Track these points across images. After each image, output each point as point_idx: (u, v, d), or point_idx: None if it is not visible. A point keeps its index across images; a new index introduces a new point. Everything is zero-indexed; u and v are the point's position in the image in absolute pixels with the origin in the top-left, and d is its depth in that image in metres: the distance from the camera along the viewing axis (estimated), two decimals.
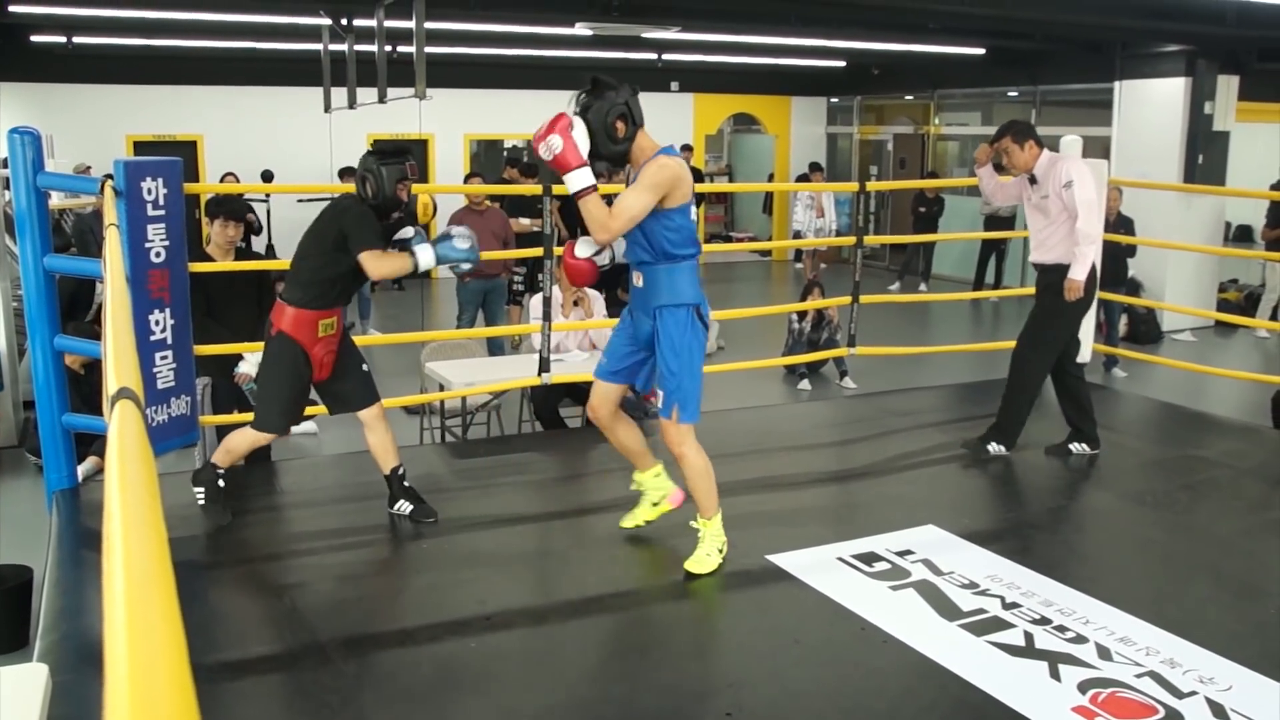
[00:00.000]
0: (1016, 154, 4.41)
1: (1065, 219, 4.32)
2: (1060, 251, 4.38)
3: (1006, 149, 4.42)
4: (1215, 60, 9.39)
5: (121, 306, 1.71)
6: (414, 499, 3.71)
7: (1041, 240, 4.45)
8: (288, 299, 3.47)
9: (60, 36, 10.00)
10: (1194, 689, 2.67)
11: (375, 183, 3.46)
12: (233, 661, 2.78)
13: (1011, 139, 4.41)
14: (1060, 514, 4.05)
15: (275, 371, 3.49)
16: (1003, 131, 4.49)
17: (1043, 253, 4.45)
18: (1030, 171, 4.41)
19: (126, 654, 0.50)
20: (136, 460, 0.82)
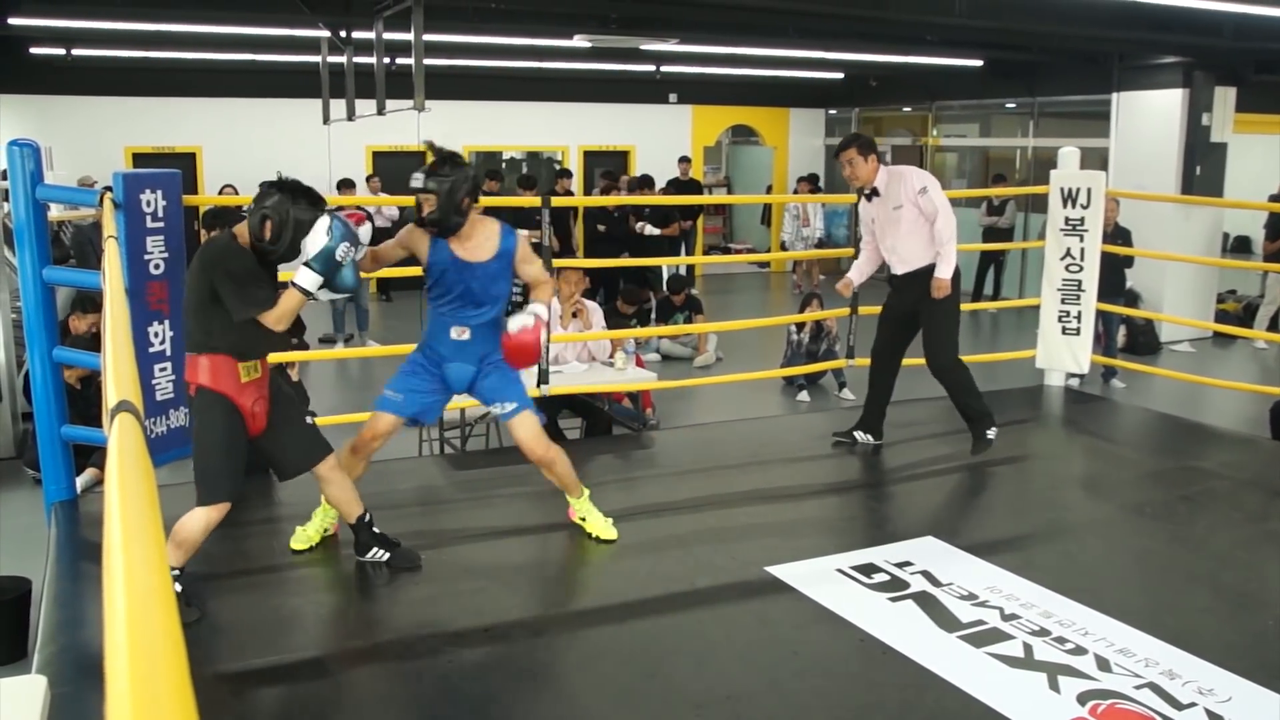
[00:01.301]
0: (860, 166, 4.53)
1: (921, 225, 4.47)
2: (924, 255, 4.52)
3: (851, 160, 4.53)
4: (1213, 72, 9.43)
5: (121, 319, 1.72)
6: (388, 545, 3.46)
7: (901, 253, 4.58)
8: (194, 348, 3.04)
9: (59, 49, 10.04)
10: (1193, 700, 2.66)
11: (276, 230, 3.01)
12: (230, 673, 2.77)
13: (857, 150, 4.54)
14: (1059, 525, 4.05)
15: (209, 434, 3.03)
16: (848, 143, 4.60)
17: (907, 263, 4.57)
18: (870, 185, 4.57)
19: (128, 667, 0.50)
20: (137, 473, 0.82)
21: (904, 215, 4.50)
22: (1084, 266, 5.80)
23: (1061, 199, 5.83)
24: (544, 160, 14.42)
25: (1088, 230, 5.78)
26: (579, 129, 13.73)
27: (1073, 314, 5.86)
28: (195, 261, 3.06)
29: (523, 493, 4.43)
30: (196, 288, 3.03)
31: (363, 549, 3.44)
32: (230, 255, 3.00)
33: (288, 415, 3.25)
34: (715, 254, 14.95)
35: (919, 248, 4.52)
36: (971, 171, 13.60)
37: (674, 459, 4.94)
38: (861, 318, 5.83)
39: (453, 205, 3.29)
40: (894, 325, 4.82)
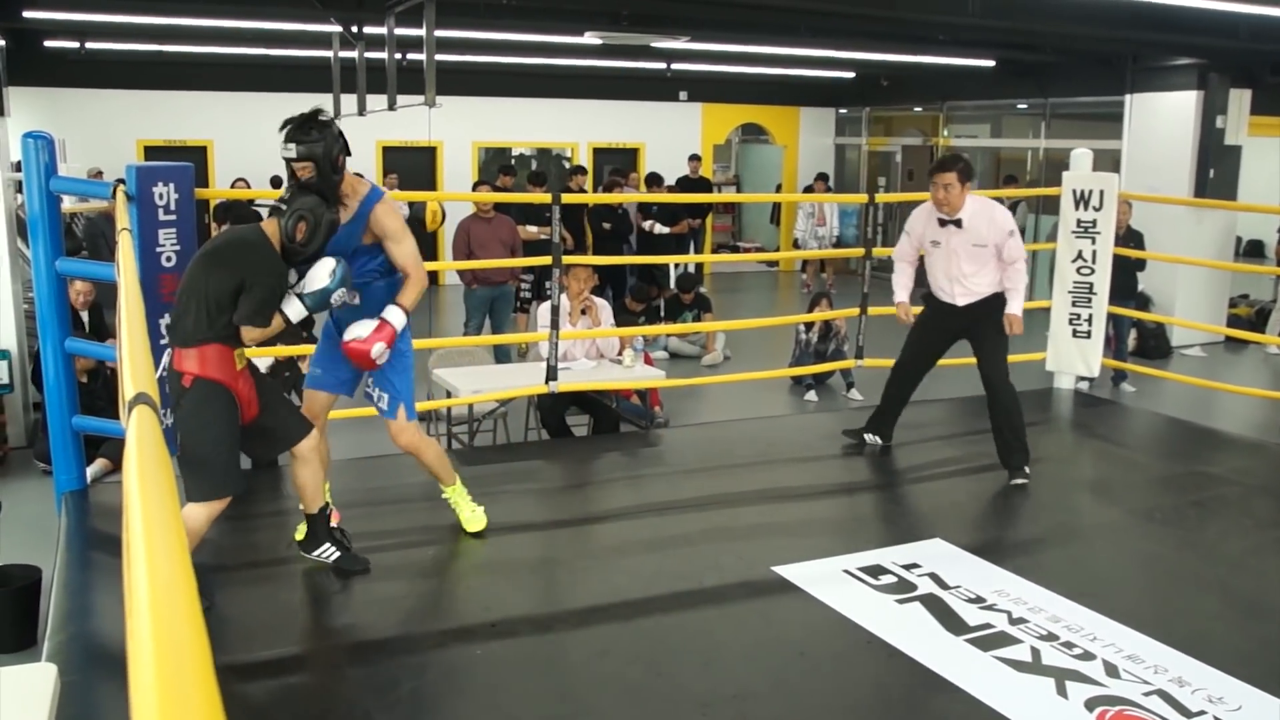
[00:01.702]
0: (956, 193, 4.32)
1: (995, 262, 4.35)
2: (991, 286, 4.40)
3: (949, 185, 4.30)
4: (1227, 74, 9.37)
5: (136, 311, 1.72)
6: (341, 545, 3.37)
7: (968, 284, 4.41)
8: (197, 339, 2.94)
9: (73, 42, 10.07)
10: (1203, 708, 2.65)
11: (309, 233, 3.01)
12: (238, 665, 2.78)
13: (958, 176, 4.30)
14: (1068, 529, 4.04)
15: (211, 427, 2.95)
16: (949, 166, 4.35)
17: (973, 294, 4.42)
18: (956, 215, 4.35)
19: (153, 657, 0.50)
20: (156, 465, 0.82)
21: (984, 253, 4.34)
22: (1095, 269, 5.78)
23: (1073, 201, 5.81)
24: (554, 157, 14.42)
25: (1100, 233, 5.76)
26: (589, 126, 13.73)
27: (1084, 317, 5.84)
28: (228, 255, 2.99)
29: (530, 489, 4.43)
30: (222, 281, 2.93)
31: (313, 544, 3.36)
32: (274, 269, 3.00)
33: (273, 396, 3.22)
34: (724, 253, 14.94)
35: (988, 280, 4.39)
36: (982, 173, 13.54)
37: (681, 457, 4.94)
38: (871, 318, 5.81)
39: (330, 165, 3.13)
40: (934, 341, 4.65)
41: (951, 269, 4.41)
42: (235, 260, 2.98)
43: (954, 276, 4.42)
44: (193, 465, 2.96)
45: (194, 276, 3.00)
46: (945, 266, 4.43)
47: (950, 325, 4.53)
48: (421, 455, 3.58)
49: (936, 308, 4.58)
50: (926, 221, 4.49)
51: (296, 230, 2.98)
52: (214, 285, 2.94)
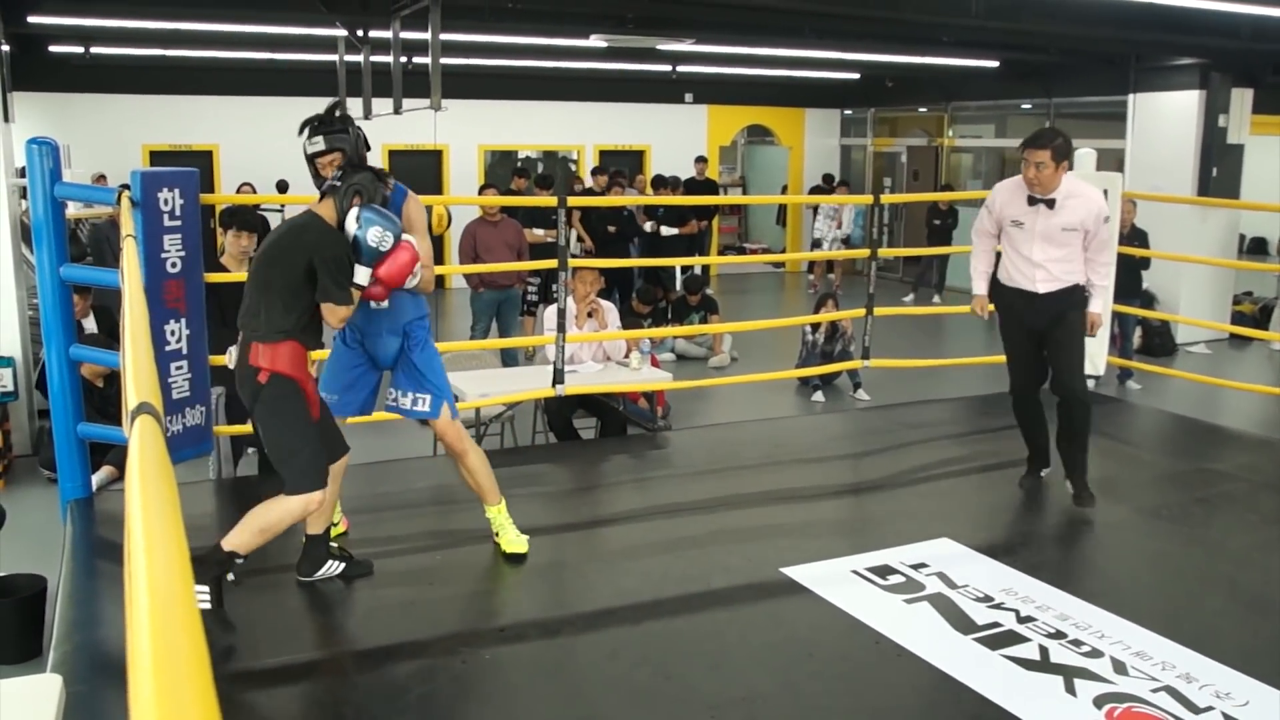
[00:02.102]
0: (1049, 173, 3.89)
1: (1079, 248, 3.99)
2: (1073, 274, 4.03)
3: (1042, 163, 3.87)
4: (1230, 73, 9.35)
5: (140, 319, 1.72)
6: (341, 557, 3.34)
7: (1052, 269, 4.00)
8: (275, 333, 2.94)
9: (78, 47, 10.10)
10: (1211, 704, 2.64)
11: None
12: (245, 672, 2.78)
13: (1053, 155, 3.86)
14: (1075, 527, 4.02)
15: (297, 422, 2.98)
16: (1043, 141, 3.89)
17: (1056, 280, 4.02)
18: (1050, 194, 3.94)
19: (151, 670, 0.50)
20: (158, 475, 0.82)
21: (1073, 238, 3.96)
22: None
23: None
24: (560, 159, 14.43)
25: None
26: (595, 128, 13.73)
27: None
28: (286, 242, 3.01)
29: (538, 492, 4.43)
30: (288, 269, 2.95)
31: (314, 566, 3.27)
32: (336, 240, 3.00)
33: (323, 409, 3.22)
34: (730, 254, 14.93)
35: (1073, 268, 4.02)
36: (987, 172, 13.53)
37: (689, 459, 4.93)
38: (877, 319, 5.80)
39: (357, 156, 3.15)
40: (1031, 347, 4.20)
41: (1033, 253, 4.01)
42: (295, 244, 2.99)
43: (1035, 261, 4.02)
44: (284, 458, 2.99)
45: (259, 274, 3.03)
46: (1028, 249, 4.02)
47: (1035, 320, 4.11)
48: (465, 459, 3.43)
49: (1012, 300, 4.16)
50: (1010, 198, 4.07)
51: (352, 205, 3.00)
52: (282, 275, 2.96)
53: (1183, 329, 9.32)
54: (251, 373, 2.97)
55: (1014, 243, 4.07)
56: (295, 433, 2.98)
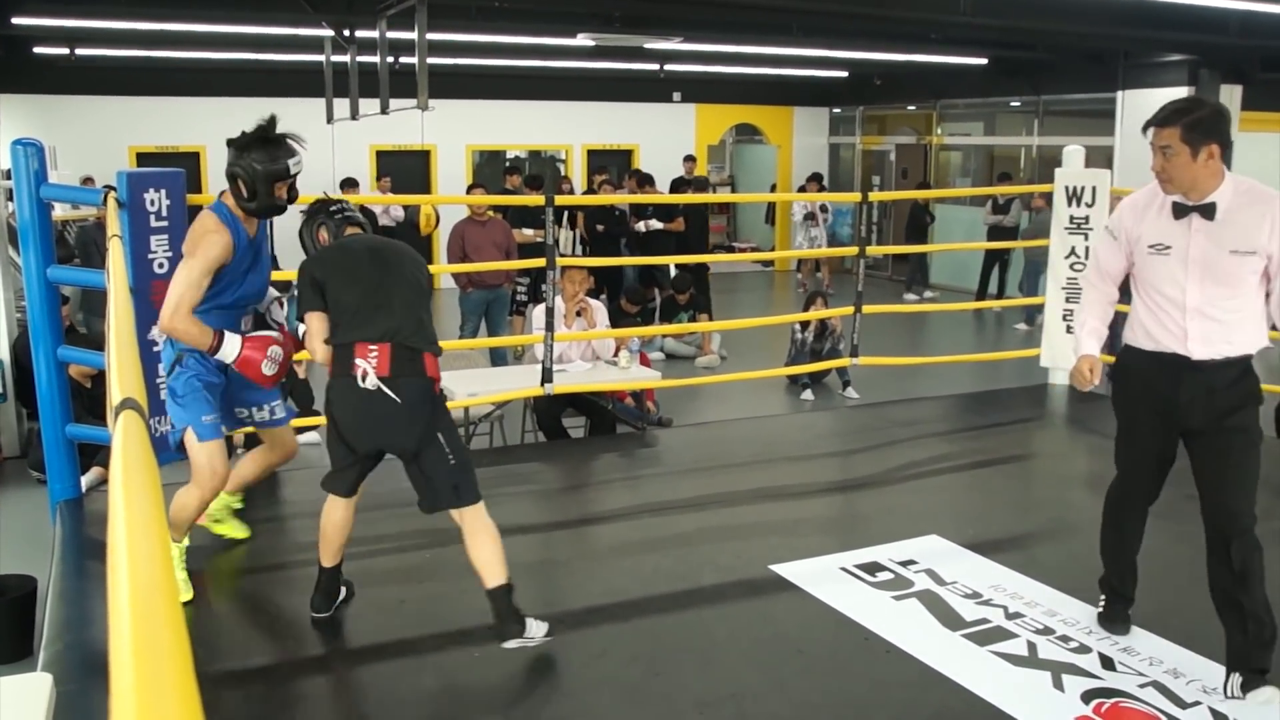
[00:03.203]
0: (1182, 162, 2.57)
1: (1259, 290, 2.64)
2: (1250, 339, 2.67)
3: (1169, 146, 2.58)
4: (1218, 70, 9.41)
5: (125, 318, 1.72)
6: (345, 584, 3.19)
7: (1219, 320, 2.64)
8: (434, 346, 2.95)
9: (63, 48, 10.06)
10: (1197, 699, 2.66)
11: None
12: (235, 671, 2.78)
13: (1186, 133, 2.55)
14: (1063, 523, 4.04)
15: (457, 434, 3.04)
16: (1171, 115, 2.59)
17: (1222, 345, 2.64)
18: (1207, 197, 2.61)
19: (132, 665, 0.50)
20: (140, 471, 0.82)
21: (1245, 267, 2.59)
22: (1088, 265, 5.78)
23: (1066, 198, 5.82)
24: (547, 159, 14.42)
25: (1092, 229, 5.76)
26: (582, 128, 13.73)
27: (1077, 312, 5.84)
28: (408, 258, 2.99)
29: (527, 491, 4.43)
30: (423, 283, 3.00)
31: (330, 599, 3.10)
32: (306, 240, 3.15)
33: None
34: (719, 253, 14.94)
35: (1248, 320, 2.64)
36: (976, 170, 13.58)
37: (678, 457, 4.94)
38: (866, 317, 5.81)
39: None
40: (1165, 443, 2.84)
41: (1190, 292, 2.63)
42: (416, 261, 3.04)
43: (1192, 305, 2.64)
44: (466, 468, 2.96)
45: (417, 280, 2.98)
46: (1177, 288, 2.66)
47: (1173, 403, 2.73)
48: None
49: (1146, 371, 2.78)
50: (1144, 213, 2.75)
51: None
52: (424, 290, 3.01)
53: None
54: (429, 383, 2.90)
55: (1154, 280, 2.71)
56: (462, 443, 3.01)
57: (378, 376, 2.80)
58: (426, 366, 2.89)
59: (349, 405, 2.88)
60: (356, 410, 2.87)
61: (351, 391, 2.84)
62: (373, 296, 2.89)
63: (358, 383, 2.82)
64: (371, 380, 2.80)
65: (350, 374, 2.83)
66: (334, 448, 2.98)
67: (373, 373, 2.81)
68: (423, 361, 2.88)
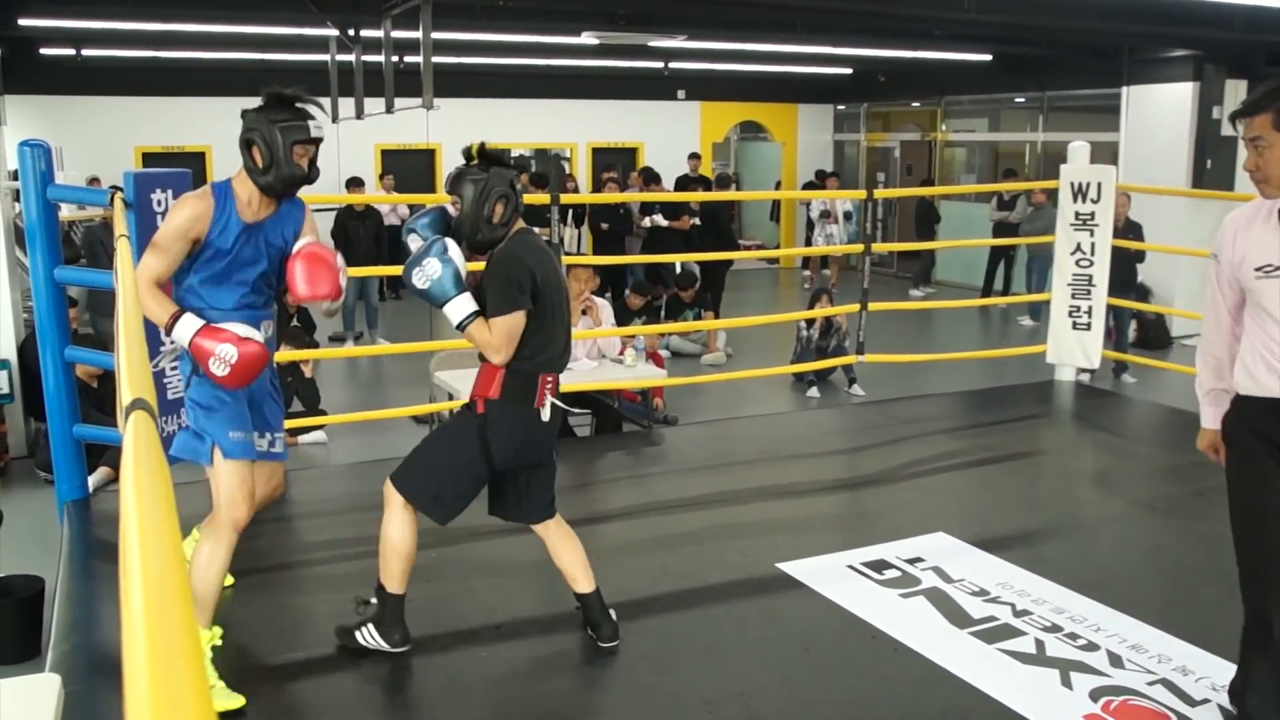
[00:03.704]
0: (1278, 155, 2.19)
1: None
2: None
3: (1260, 138, 2.23)
4: (1223, 65, 9.36)
5: (134, 318, 1.72)
6: None
7: None
8: None
9: (69, 49, 10.08)
10: (1206, 696, 2.65)
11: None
12: (243, 670, 2.78)
13: (1275, 122, 2.20)
14: (1070, 521, 4.03)
15: None
16: (1259, 103, 2.24)
17: None
18: None
19: (147, 666, 0.50)
20: (152, 471, 0.82)
21: None
22: (1094, 261, 5.77)
23: (1071, 194, 5.80)
24: (552, 157, 14.42)
25: (1098, 225, 5.75)
26: (587, 126, 13.73)
27: (1083, 309, 5.83)
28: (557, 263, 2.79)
29: None
30: None
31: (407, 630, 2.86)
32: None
33: None
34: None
35: None
36: (981, 166, 13.54)
37: (684, 455, 4.94)
38: (871, 314, 5.80)
39: None
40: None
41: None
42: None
43: None
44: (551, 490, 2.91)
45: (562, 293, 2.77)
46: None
47: None
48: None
49: (1261, 420, 2.31)
50: (1248, 228, 2.35)
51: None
52: None
53: (1178, 321, 9.34)
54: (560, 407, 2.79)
55: (1268, 307, 2.26)
56: None
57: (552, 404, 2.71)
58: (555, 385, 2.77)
59: (520, 438, 2.70)
60: (527, 440, 2.72)
61: (533, 427, 2.68)
62: (565, 321, 2.74)
63: (540, 417, 2.67)
64: (548, 411, 2.70)
65: (531, 406, 2.66)
66: (463, 480, 2.71)
67: (549, 404, 2.71)
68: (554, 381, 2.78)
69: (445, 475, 2.70)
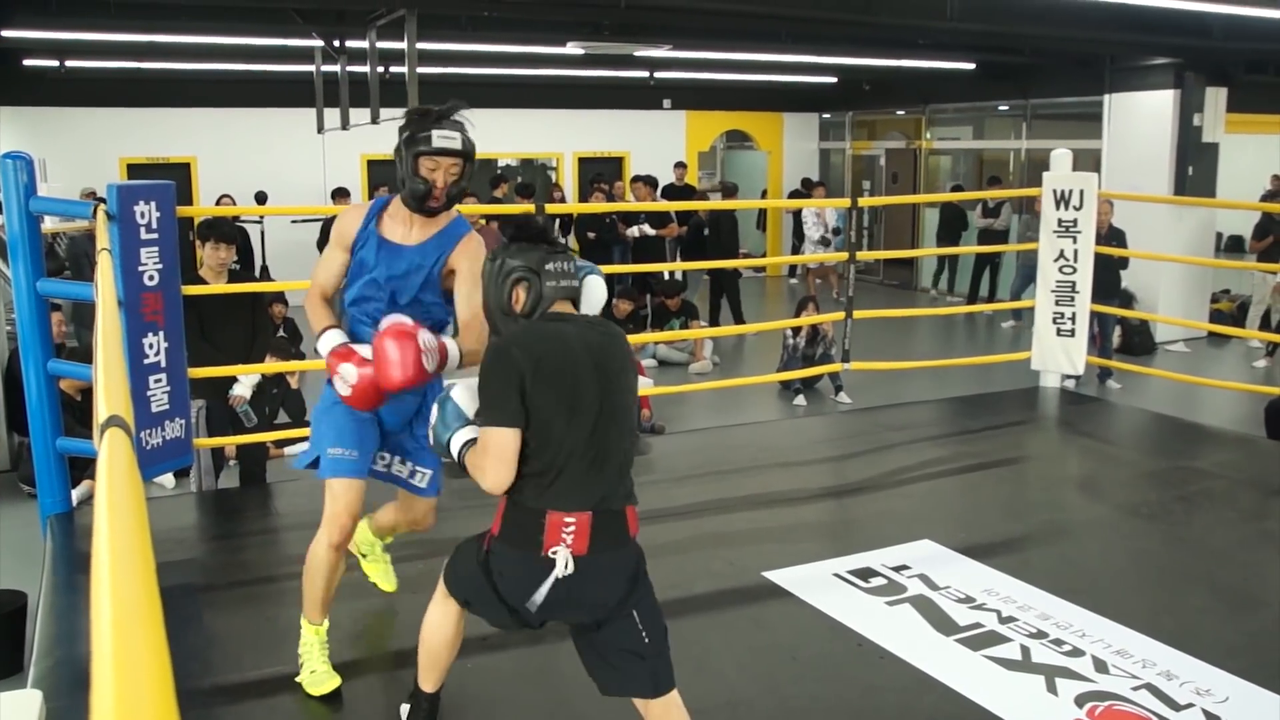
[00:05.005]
0: None
1: None
2: None
3: None
4: (1203, 73, 9.46)
5: (112, 332, 1.71)
6: None
7: None
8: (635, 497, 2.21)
9: (53, 60, 10.04)
10: (1191, 701, 2.67)
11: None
12: (228, 685, 2.77)
13: None
14: (1056, 527, 4.05)
15: None
16: None
17: None
18: None
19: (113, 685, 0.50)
20: (125, 490, 0.82)
21: None
22: (1077, 268, 5.81)
23: (1054, 201, 5.84)
24: (538, 167, 14.43)
25: (1081, 232, 5.79)
26: (573, 136, 13.75)
27: (1067, 315, 5.87)
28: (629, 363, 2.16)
29: None
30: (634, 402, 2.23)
31: None
32: None
33: None
34: None
35: None
36: (965, 174, 13.63)
37: (670, 464, 4.94)
38: (857, 322, 5.83)
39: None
40: None
41: None
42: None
43: None
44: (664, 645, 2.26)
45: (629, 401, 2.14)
46: None
47: None
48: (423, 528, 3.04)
49: None
50: None
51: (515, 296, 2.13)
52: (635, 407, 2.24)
53: (1162, 328, 9.41)
54: (631, 550, 2.14)
55: None
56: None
57: (573, 556, 2.03)
58: (629, 527, 2.10)
59: (529, 589, 2.08)
60: (551, 597, 2.09)
61: (536, 576, 2.06)
62: (593, 440, 2.02)
63: (546, 570, 2.04)
64: (566, 565, 2.03)
65: (536, 553, 2.03)
66: (490, 608, 2.22)
67: (569, 557, 2.03)
68: (625, 523, 2.09)
69: (470, 590, 2.26)
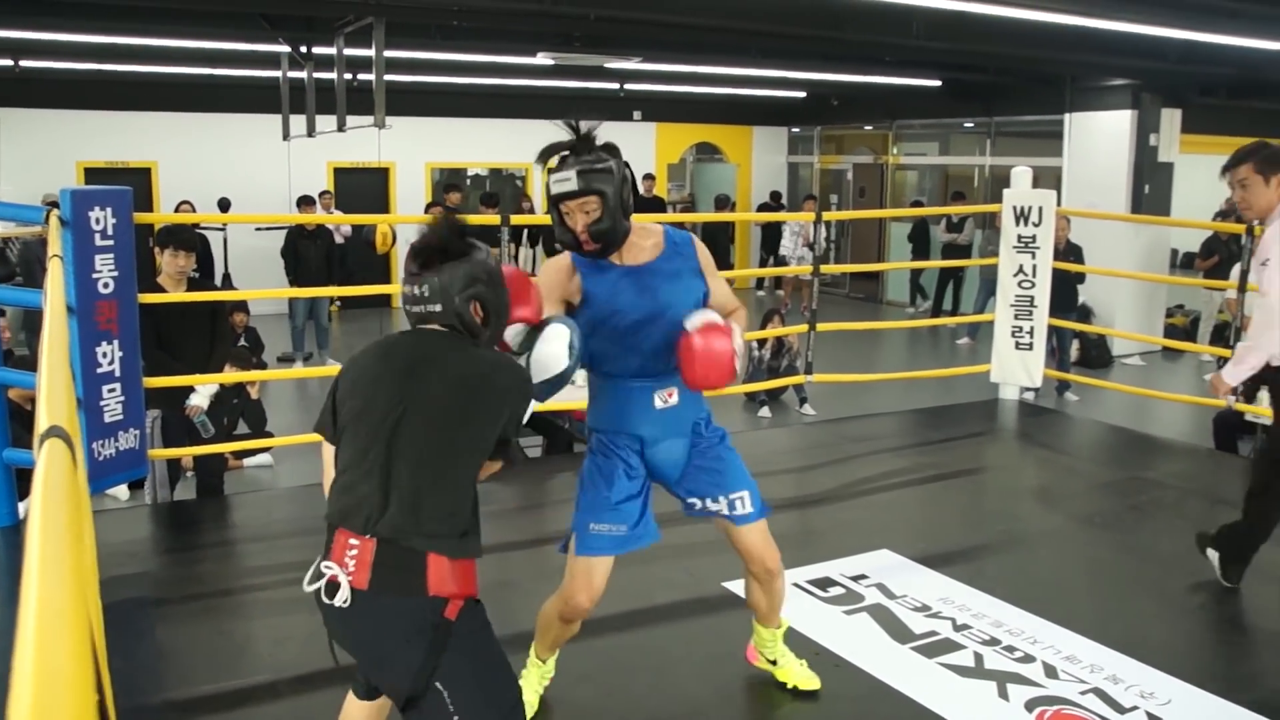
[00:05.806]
0: (1258, 190, 3.18)
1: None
2: None
3: (1246, 181, 3.19)
4: (1159, 94, 9.69)
5: (59, 339, 1.69)
6: None
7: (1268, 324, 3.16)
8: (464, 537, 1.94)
9: (8, 60, 9.86)
10: (1135, 704, 2.72)
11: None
12: (180, 701, 2.73)
13: (1255, 168, 3.17)
14: (1011, 536, 4.11)
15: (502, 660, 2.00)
16: (1244, 156, 3.21)
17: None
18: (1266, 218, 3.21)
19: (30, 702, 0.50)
20: (62, 501, 0.82)
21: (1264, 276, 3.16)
22: (1036, 283, 5.91)
23: (1014, 217, 5.94)
24: (506, 177, 14.42)
25: (1039, 247, 5.89)
26: (542, 146, 13.73)
27: (1025, 329, 5.97)
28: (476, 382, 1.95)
29: (483, 511, 4.40)
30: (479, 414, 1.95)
31: None
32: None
33: None
34: None
35: None
36: (931, 189, 13.81)
37: None
38: (822, 335, 5.88)
39: (622, 206, 2.37)
40: None
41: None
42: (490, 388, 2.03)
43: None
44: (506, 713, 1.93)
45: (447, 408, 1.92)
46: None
47: None
48: (774, 581, 2.63)
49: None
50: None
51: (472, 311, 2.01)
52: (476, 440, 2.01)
53: (1118, 341, 9.59)
54: (427, 606, 1.81)
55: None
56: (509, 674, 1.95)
57: (351, 588, 1.82)
58: (429, 578, 1.81)
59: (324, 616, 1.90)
60: (327, 625, 1.92)
61: (319, 602, 1.87)
62: (372, 449, 1.84)
63: (321, 595, 1.85)
64: (343, 594, 1.82)
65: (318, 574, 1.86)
66: None
67: (346, 583, 1.82)
68: (423, 570, 1.81)
69: None
